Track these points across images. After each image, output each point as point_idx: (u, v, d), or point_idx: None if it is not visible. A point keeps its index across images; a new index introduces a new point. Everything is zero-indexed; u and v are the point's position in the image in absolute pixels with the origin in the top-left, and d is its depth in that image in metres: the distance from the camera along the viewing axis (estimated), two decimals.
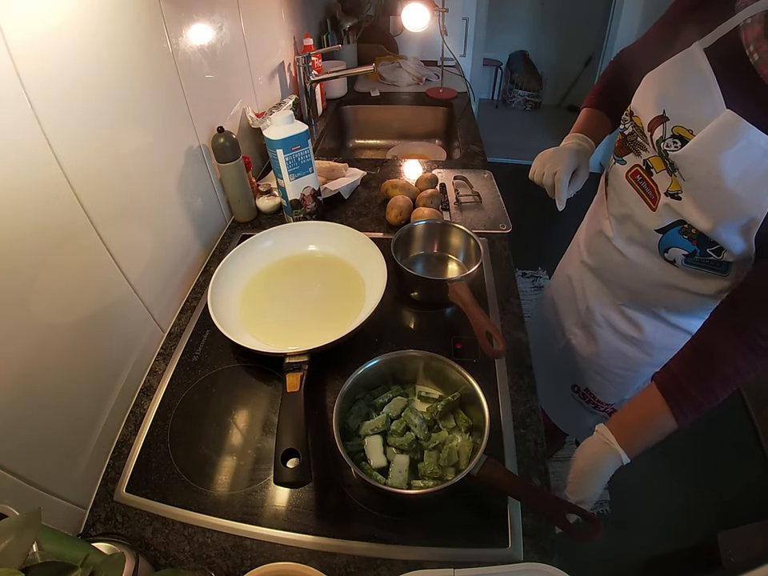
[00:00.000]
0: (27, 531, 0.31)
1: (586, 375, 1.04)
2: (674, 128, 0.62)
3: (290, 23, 1.49)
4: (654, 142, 0.66)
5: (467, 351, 0.79)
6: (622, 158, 0.77)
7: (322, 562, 0.56)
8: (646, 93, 0.67)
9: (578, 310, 1.00)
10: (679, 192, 0.65)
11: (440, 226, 0.97)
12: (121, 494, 0.63)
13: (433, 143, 1.75)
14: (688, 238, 0.67)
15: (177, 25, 0.81)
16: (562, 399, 1.15)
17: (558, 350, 1.10)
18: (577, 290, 1.00)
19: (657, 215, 0.70)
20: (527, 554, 0.56)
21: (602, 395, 1.02)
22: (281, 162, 0.93)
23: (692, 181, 0.61)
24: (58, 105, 0.56)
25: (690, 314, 0.79)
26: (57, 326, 0.57)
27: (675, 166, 0.63)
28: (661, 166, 0.68)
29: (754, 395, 1.69)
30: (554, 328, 1.11)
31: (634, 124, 0.72)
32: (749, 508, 1.39)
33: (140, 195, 0.75)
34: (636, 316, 0.87)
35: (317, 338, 0.70)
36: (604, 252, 0.87)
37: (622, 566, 1.31)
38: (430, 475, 0.60)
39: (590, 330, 0.98)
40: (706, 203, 0.60)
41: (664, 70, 0.64)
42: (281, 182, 0.98)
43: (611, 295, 0.90)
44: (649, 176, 0.70)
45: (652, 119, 0.65)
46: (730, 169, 0.55)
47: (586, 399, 1.07)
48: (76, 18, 0.58)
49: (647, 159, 0.70)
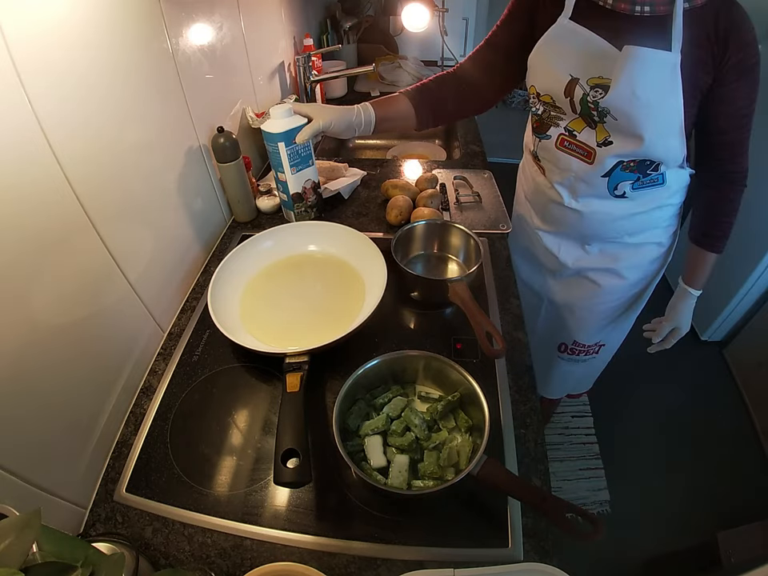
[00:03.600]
0: (27, 531, 0.31)
1: (571, 326, 1.14)
2: (589, 80, 0.74)
3: (290, 23, 1.49)
4: (577, 102, 0.77)
5: (467, 351, 0.79)
6: (545, 133, 0.87)
7: (321, 562, 0.56)
8: (545, 69, 0.79)
9: (551, 270, 1.09)
10: (608, 137, 0.77)
11: (440, 226, 0.97)
12: (121, 494, 0.63)
13: (433, 143, 1.75)
14: (629, 171, 0.81)
15: (177, 25, 0.81)
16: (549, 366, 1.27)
17: (540, 317, 1.19)
18: (543, 255, 1.09)
19: (596, 165, 0.82)
20: (527, 554, 0.56)
21: (589, 337, 1.14)
22: (282, 155, 0.90)
23: (621, 116, 0.73)
24: (58, 105, 0.56)
25: (646, 229, 0.93)
26: (56, 325, 0.57)
27: (604, 113, 0.74)
28: (582, 125, 0.80)
29: (754, 395, 1.69)
30: (530, 298, 1.18)
31: (544, 102, 0.83)
32: (749, 508, 1.39)
33: (140, 195, 0.75)
34: (605, 249, 0.98)
35: (317, 338, 0.70)
36: (561, 216, 0.96)
37: (621, 566, 1.31)
38: (430, 475, 0.60)
39: (569, 282, 1.08)
40: (635, 127, 0.73)
41: (547, 48, 0.77)
42: (281, 177, 0.97)
43: (578, 245, 1.01)
44: (574, 139, 0.82)
45: (566, 86, 0.76)
46: (644, 88, 0.68)
47: (575, 352, 1.19)
48: (75, 18, 0.58)
49: (566, 126, 0.82)
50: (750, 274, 1.64)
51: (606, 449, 1.59)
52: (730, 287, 1.73)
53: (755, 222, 1.61)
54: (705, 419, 1.66)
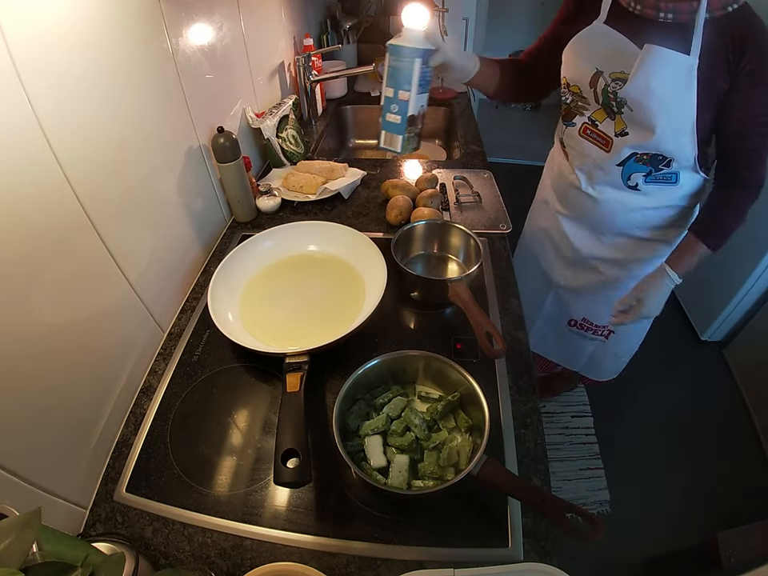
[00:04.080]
0: (27, 531, 0.31)
1: (580, 307, 1.20)
2: (611, 74, 0.81)
3: (290, 23, 1.49)
4: (599, 92, 0.84)
5: (467, 351, 0.79)
6: (571, 121, 0.95)
7: (322, 562, 0.56)
8: (575, 62, 0.86)
9: (564, 255, 1.14)
10: (625, 129, 0.84)
11: (440, 226, 0.97)
12: (121, 494, 0.63)
13: (433, 143, 1.75)
14: (642, 163, 0.87)
15: (177, 25, 0.81)
16: (560, 337, 1.31)
17: (549, 297, 1.25)
18: (558, 238, 1.14)
19: (613, 154, 0.88)
20: (527, 554, 0.56)
21: (597, 319, 1.19)
22: (415, 71, 0.84)
23: (636, 107, 0.79)
24: (58, 105, 0.56)
25: (657, 227, 0.97)
26: (56, 325, 0.57)
27: (622, 103, 0.80)
28: (603, 116, 0.87)
29: (754, 395, 1.69)
30: (540, 279, 1.24)
31: (573, 93, 0.90)
32: (749, 508, 1.39)
33: (140, 195, 0.75)
34: (615, 241, 1.03)
35: (317, 338, 0.70)
36: (578, 201, 1.02)
37: (622, 566, 1.31)
38: (430, 475, 0.60)
39: (579, 268, 1.13)
40: (649, 119, 0.78)
41: (578, 44, 0.84)
42: (403, 95, 0.88)
43: (592, 233, 1.06)
44: (595, 128, 0.90)
45: (590, 77, 0.84)
46: (659, 83, 0.74)
47: (584, 328, 1.23)
48: (75, 19, 0.58)
49: (590, 115, 0.89)
50: (750, 274, 1.63)
51: (606, 449, 1.59)
52: (730, 287, 1.73)
53: (755, 222, 1.60)
54: (705, 419, 1.65)
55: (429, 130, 1.80)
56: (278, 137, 1.24)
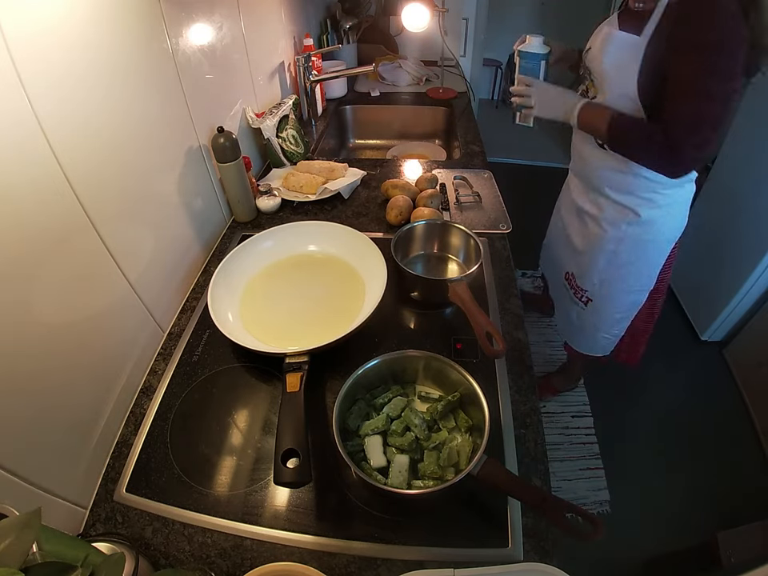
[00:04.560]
0: (27, 531, 0.31)
1: (573, 261, 1.30)
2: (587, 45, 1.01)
3: (290, 23, 1.49)
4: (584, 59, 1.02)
5: (467, 351, 0.79)
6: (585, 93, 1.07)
7: (322, 562, 0.56)
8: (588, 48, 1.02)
9: (571, 203, 1.27)
10: (596, 94, 0.99)
11: (440, 226, 0.97)
12: (121, 494, 0.63)
13: (433, 143, 1.75)
14: None
15: (177, 25, 0.81)
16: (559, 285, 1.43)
17: (561, 243, 1.37)
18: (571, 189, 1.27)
19: None
20: (527, 554, 0.56)
21: (579, 279, 1.28)
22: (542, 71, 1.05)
23: (595, 73, 0.97)
24: (58, 105, 0.56)
25: (625, 191, 1.05)
26: (56, 325, 0.57)
27: (588, 70, 1.00)
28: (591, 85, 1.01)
29: (754, 395, 1.69)
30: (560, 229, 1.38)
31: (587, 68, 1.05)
32: (749, 508, 1.39)
33: (140, 195, 0.75)
34: (596, 199, 1.13)
35: (317, 338, 0.70)
36: (575, 155, 1.17)
37: (622, 566, 1.31)
38: (430, 475, 0.60)
39: (577, 217, 1.24)
40: (601, 84, 0.96)
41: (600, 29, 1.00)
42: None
43: (583, 187, 1.19)
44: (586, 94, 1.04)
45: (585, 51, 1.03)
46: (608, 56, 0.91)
47: (571, 285, 1.33)
48: (75, 18, 0.58)
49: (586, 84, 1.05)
50: (749, 274, 1.63)
51: (605, 449, 1.58)
52: (730, 287, 1.73)
53: (755, 222, 1.61)
54: (705, 419, 1.65)
55: (429, 130, 1.80)
56: (278, 137, 1.24)
